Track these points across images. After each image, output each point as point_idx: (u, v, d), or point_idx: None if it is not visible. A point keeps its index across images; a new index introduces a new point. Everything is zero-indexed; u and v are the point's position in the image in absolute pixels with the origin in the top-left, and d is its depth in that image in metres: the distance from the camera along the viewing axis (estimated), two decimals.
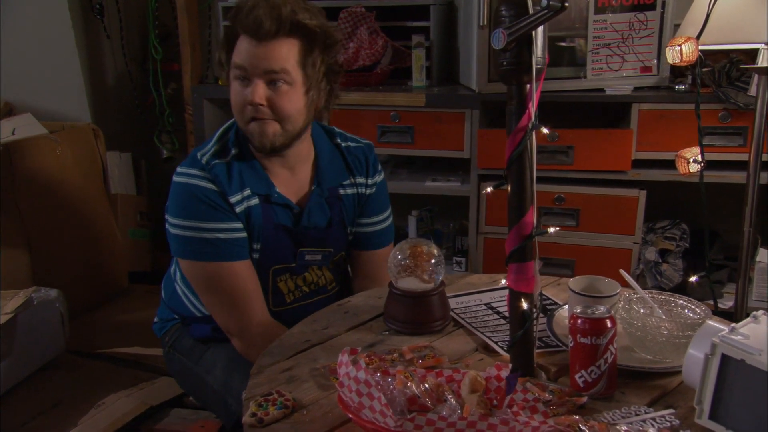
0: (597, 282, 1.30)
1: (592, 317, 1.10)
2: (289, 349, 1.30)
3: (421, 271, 1.37)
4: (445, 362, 1.22)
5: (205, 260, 1.50)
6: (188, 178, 1.51)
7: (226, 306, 1.52)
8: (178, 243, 1.52)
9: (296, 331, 1.37)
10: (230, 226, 1.51)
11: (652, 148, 2.27)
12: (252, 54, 1.46)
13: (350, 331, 1.38)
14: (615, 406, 1.09)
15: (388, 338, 1.34)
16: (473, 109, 2.35)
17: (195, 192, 1.49)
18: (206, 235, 1.49)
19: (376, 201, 1.73)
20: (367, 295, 1.54)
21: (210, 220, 1.49)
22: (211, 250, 1.49)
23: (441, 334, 1.36)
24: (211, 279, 1.51)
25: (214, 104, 2.73)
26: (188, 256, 1.52)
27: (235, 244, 1.51)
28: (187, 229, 1.50)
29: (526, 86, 1.15)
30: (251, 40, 1.46)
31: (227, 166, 1.53)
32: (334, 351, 1.28)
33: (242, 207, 1.53)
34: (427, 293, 1.35)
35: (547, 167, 2.33)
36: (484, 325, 1.38)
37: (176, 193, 1.52)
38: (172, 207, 1.52)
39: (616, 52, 2.33)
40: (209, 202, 1.49)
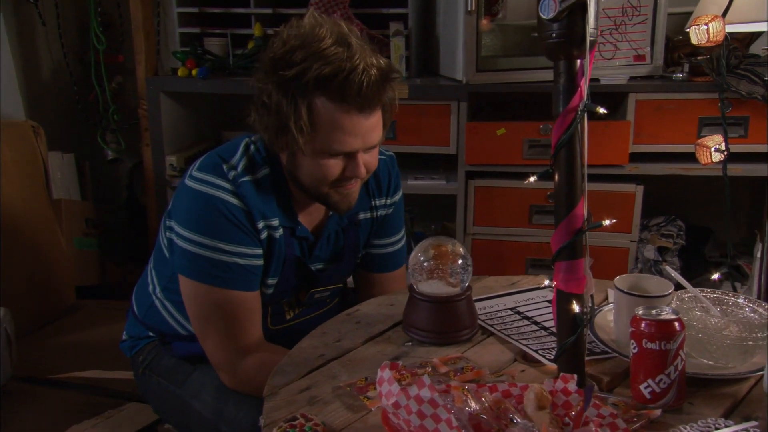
0: (643, 280, 1.22)
1: (659, 320, 1.02)
2: (303, 365, 1.18)
3: (447, 273, 1.26)
4: (485, 375, 1.12)
5: (214, 285, 1.36)
6: (213, 189, 1.36)
7: (220, 337, 1.39)
8: (186, 259, 1.38)
9: (306, 346, 1.25)
10: (252, 251, 1.38)
11: (649, 141, 2.23)
12: (358, 132, 1.31)
13: (367, 343, 1.26)
14: (688, 419, 1.01)
15: (412, 350, 1.23)
16: (460, 101, 2.27)
17: (219, 206, 1.35)
18: (223, 258, 1.35)
19: (394, 221, 1.63)
20: (378, 303, 1.43)
21: (231, 241, 1.35)
22: (224, 275, 1.36)
23: (470, 343, 1.26)
24: (214, 306, 1.38)
25: (172, 98, 2.56)
26: (195, 277, 1.37)
27: (253, 272, 1.39)
28: (202, 246, 1.35)
29: (576, 61, 1.06)
30: (356, 115, 1.30)
31: (255, 185, 1.39)
32: (355, 366, 1.17)
33: (265, 234, 1.41)
34: (454, 298, 1.25)
35: (539, 162, 2.26)
36: (516, 332, 1.28)
37: (194, 203, 1.37)
38: (187, 217, 1.38)
39: (608, 40, 2.28)
40: (234, 221, 1.35)
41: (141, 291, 1.64)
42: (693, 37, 1.52)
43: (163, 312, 1.56)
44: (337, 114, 1.29)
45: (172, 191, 2.59)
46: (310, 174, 1.36)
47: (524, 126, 2.24)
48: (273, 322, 1.51)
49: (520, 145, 2.25)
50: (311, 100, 1.29)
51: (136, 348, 1.64)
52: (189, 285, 1.39)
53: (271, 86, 1.32)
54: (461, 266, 1.26)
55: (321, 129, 1.30)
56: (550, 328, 1.30)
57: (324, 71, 1.26)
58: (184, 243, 1.37)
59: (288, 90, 1.30)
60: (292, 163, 1.37)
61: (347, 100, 1.28)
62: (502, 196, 2.31)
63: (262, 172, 1.41)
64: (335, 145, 1.32)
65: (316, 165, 1.34)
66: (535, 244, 2.32)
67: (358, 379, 1.12)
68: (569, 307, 1.08)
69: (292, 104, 1.30)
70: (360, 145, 1.33)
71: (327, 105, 1.29)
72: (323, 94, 1.29)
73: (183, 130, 2.68)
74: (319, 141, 1.32)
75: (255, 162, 1.41)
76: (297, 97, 1.29)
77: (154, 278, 1.58)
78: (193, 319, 1.42)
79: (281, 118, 1.31)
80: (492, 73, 2.25)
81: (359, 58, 1.28)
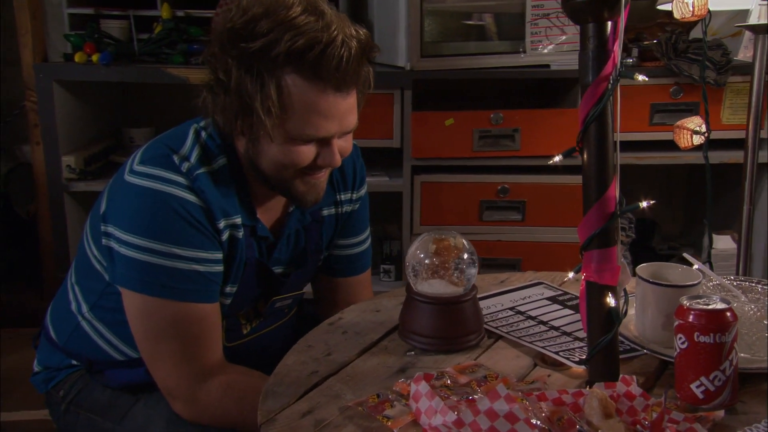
0: (664, 269, 1.18)
1: (712, 310, 0.96)
2: (296, 385, 1.06)
3: (450, 270, 1.17)
4: (513, 383, 1.03)
5: (169, 298, 1.20)
6: (163, 184, 1.20)
7: (176, 360, 1.23)
8: (132, 270, 1.21)
9: (293, 362, 1.12)
10: (212, 256, 1.23)
11: None
12: (335, 115, 1.20)
13: (363, 355, 1.15)
14: (747, 419, 0.96)
15: (417, 359, 1.13)
16: (404, 89, 2.18)
17: (173, 204, 1.19)
18: (179, 265, 1.20)
19: (360, 217, 1.52)
20: (362, 309, 1.32)
21: (188, 245, 1.20)
22: (181, 286, 1.20)
23: (479, 349, 1.17)
24: (169, 323, 1.22)
25: (66, 88, 2.33)
26: (146, 290, 1.21)
27: (213, 280, 1.24)
28: (152, 253, 1.19)
29: (606, 24, 0.99)
30: (333, 95, 1.18)
31: (213, 178, 1.24)
32: (357, 382, 1.06)
33: (227, 235, 1.26)
34: (460, 299, 1.16)
35: (489, 154, 2.21)
36: (526, 334, 1.21)
37: (141, 202, 1.21)
38: (132, 220, 1.21)
39: (555, 23, 2.26)
40: (192, 221, 1.20)
41: (59, 313, 1.45)
42: (676, 11, 1.50)
43: (92, 335, 1.38)
44: (311, 93, 1.18)
45: (70, 197, 2.36)
46: (276, 162, 1.23)
47: (474, 115, 2.18)
48: (228, 338, 1.36)
49: (470, 136, 2.19)
50: (280, 78, 1.17)
51: (55, 381, 1.45)
52: (136, 300, 1.23)
53: (230, 61, 1.18)
54: (467, 262, 1.17)
55: (292, 111, 1.18)
56: (561, 328, 1.23)
57: (297, 44, 1.14)
58: (128, 250, 1.21)
59: (252, 65, 1.17)
60: (254, 150, 1.24)
61: (323, 78, 1.16)
62: (450, 192, 2.25)
63: (218, 162, 1.27)
64: (309, 130, 1.20)
65: (284, 152, 1.22)
66: (485, 243, 2.27)
67: (369, 397, 1.01)
68: (603, 300, 1.01)
69: (257, 82, 1.17)
70: (336, 129, 1.22)
71: (299, 83, 1.17)
72: (295, 71, 1.17)
73: (80, 126, 2.45)
74: (290, 125, 1.19)
75: (209, 151, 1.27)
76: (264, 74, 1.17)
77: (78, 296, 1.40)
78: (141, 340, 1.26)
79: (243, 98, 1.18)
80: (438, 59, 2.19)
81: (337, 28, 1.16)
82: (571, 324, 1.24)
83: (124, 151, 2.56)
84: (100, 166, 2.46)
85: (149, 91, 2.67)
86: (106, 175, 2.40)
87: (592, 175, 1.03)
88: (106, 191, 1.31)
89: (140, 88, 2.67)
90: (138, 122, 2.68)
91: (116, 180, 1.28)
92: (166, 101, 2.68)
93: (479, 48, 2.22)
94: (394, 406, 0.98)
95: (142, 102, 2.74)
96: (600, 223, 1.02)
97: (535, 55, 2.24)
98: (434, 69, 2.18)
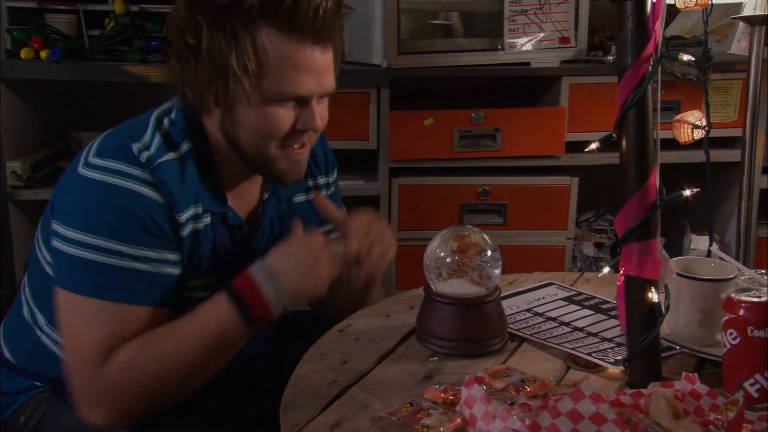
0: (693, 264, 1.16)
1: (765, 302, 0.94)
2: (317, 396, 1.00)
3: (472, 269, 1.12)
4: (552, 386, 0.99)
5: (111, 299, 1.11)
6: (119, 178, 1.12)
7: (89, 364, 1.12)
8: (76, 269, 1.12)
9: (308, 372, 1.06)
10: (162, 255, 1.15)
11: (584, 128, 2.22)
12: (313, 70, 1.14)
13: (383, 362, 1.10)
14: None
15: (442, 365, 1.09)
16: (381, 87, 2.13)
17: (127, 201, 1.12)
18: (129, 264, 1.11)
19: (336, 202, 1.46)
20: (370, 314, 1.26)
21: (133, 242, 1.12)
22: (125, 286, 1.12)
23: (504, 353, 1.13)
24: (93, 318, 1.12)
25: (9, 87, 2.19)
26: (87, 291, 1.11)
27: (158, 282, 1.15)
28: (101, 251, 1.10)
29: (646, 1, 0.97)
30: (310, 48, 1.13)
31: (177, 165, 1.17)
32: (383, 391, 1.02)
33: (189, 228, 1.19)
34: (484, 299, 1.12)
35: (470, 155, 2.18)
36: (550, 336, 1.17)
37: (91, 197, 1.12)
38: (78, 215, 1.13)
39: (533, 20, 2.26)
40: (145, 220, 1.12)
41: (15, 331, 1.35)
42: (678, 1, 1.50)
43: (55, 350, 1.28)
44: (287, 47, 1.12)
45: (15, 206, 2.22)
46: (256, 131, 1.17)
47: (454, 115, 2.15)
48: None
49: (450, 136, 2.16)
50: (254, 33, 1.12)
51: (14, 407, 1.33)
52: (77, 301, 1.13)
53: (199, 20, 1.12)
54: (491, 259, 1.12)
55: (268, 67, 1.13)
56: (585, 328, 1.20)
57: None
58: (67, 246, 1.12)
59: (223, 22, 1.12)
60: (230, 121, 1.17)
61: (299, 29, 1.12)
62: (430, 195, 2.21)
63: (183, 147, 1.20)
64: (287, 87, 1.14)
65: (262, 116, 1.15)
66: None
67: (402, 406, 0.95)
68: (644, 296, 0.99)
69: (231, 39, 1.12)
70: (315, 87, 1.16)
71: (275, 36, 1.12)
72: (269, 24, 1.12)
73: (26, 129, 2.32)
74: (267, 83, 1.13)
75: (172, 137, 1.20)
76: (237, 30, 1.12)
77: (34, 309, 1.30)
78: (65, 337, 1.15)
79: (217, 59, 1.12)
80: (415, 56, 2.15)
81: None
82: (595, 324, 1.21)
83: (72, 156, 2.42)
84: (48, 172, 2.33)
85: (98, 91, 2.56)
86: (54, 182, 2.27)
87: (631, 163, 1.00)
88: (56, 185, 1.23)
89: (89, 88, 2.55)
90: (87, 125, 2.55)
91: (69, 173, 1.20)
92: (116, 102, 2.57)
93: (458, 45, 2.20)
94: (431, 415, 0.93)
95: (91, 103, 2.62)
96: (641, 214, 0.99)
97: (514, 52, 2.23)
98: (412, 66, 2.14)
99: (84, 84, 2.52)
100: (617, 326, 1.20)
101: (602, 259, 2.31)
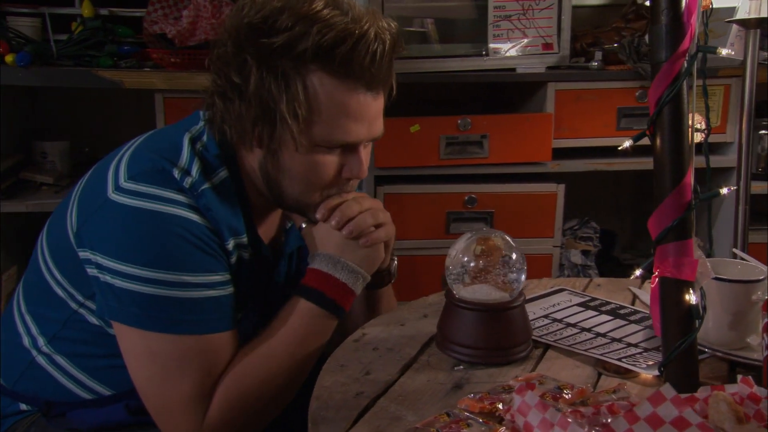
0: (720, 265, 1.15)
1: None
2: (345, 408, 0.96)
3: (497, 274, 1.10)
4: (590, 393, 0.97)
5: (182, 333, 1.08)
6: (162, 204, 1.08)
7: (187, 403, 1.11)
8: (134, 305, 1.08)
9: (331, 383, 1.02)
10: (224, 277, 1.13)
11: (570, 135, 2.23)
12: (365, 117, 1.13)
13: (407, 372, 1.07)
14: None
15: (469, 374, 1.06)
16: None
17: (175, 227, 1.08)
18: (192, 294, 1.08)
19: None
20: (384, 324, 1.23)
21: (198, 269, 1.09)
22: (195, 317, 1.09)
23: (530, 360, 1.10)
24: (182, 363, 1.09)
25: None
26: (153, 326, 1.08)
27: (229, 304, 1.14)
28: (158, 284, 1.07)
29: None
30: (363, 95, 1.11)
31: (217, 194, 1.13)
32: (413, 402, 0.98)
33: (235, 257, 1.17)
34: (509, 305, 1.09)
35: (456, 162, 2.17)
36: (574, 342, 1.15)
37: (137, 227, 1.08)
38: (128, 247, 1.09)
39: (517, 26, 2.26)
40: (197, 243, 1.09)
41: (4, 349, 1.28)
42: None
43: (53, 371, 1.23)
44: (340, 93, 1.10)
45: None
46: (302, 178, 1.15)
47: (441, 121, 2.13)
48: None
49: (437, 143, 2.14)
50: (305, 76, 1.09)
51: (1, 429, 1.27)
52: (139, 338, 1.10)
53: (248, 60, 1.09)
54: (516, 264, 1.10)
55: (319, 114, 1.10)
56: (607, 334, 1.18)
57: (326, 37, 1.06)
58: (127, 282, 1.08)
59: (274, 64, 1.09)
60: (273, 165, 1.15)
61: (354, 75, 1.09)
62: (416, 204, 2.19)
63: (219, 175, 1.16)
64: (337, 134, 1.12)
65: (308, 163, 1.13)
66: None
67: (438, 416, 0.92)
68: (681, 297, 0.98)
69: (282, 82, 1.09)
70: (365, 134, 1.15)
71: (327, 82, 1.09)
72: (322, 68, 1.09)
73: None
74: (317, 130, 1.11)
75: (209, 163, 1.16)
76: (288, 73, 1.09)
77: (32, 328, 1.24)
78: (145, 385, 1.12)
79: (265, 101, 1.10)
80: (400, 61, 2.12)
81: (368, 21, 1.10)
82: (617, 330, 1.20)
83: (36, 167, 2.36)
84: (11, 184, 2.24)
85: (62, 99, 2.48)
86: (17, 195, 2.20)
87: (666, 161, 0.98)
88: (78, 208, 1.17)
89: (52, 95, 2.47)
90: (50, 135, 2.47)
91: (93, 197, 1.14)
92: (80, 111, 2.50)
93: (442, 51, 2.20)
94: (470, 425, 0.90)
95: (54, 112, 2.54)
96: (677, 213, 0.97)
97: (499, 58, 2.23)
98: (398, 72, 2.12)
99: (47, 90, 2.45)
100: (640, 331, 1.19)
101: (590, 267, 2.31)
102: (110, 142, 1.43)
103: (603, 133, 2.24)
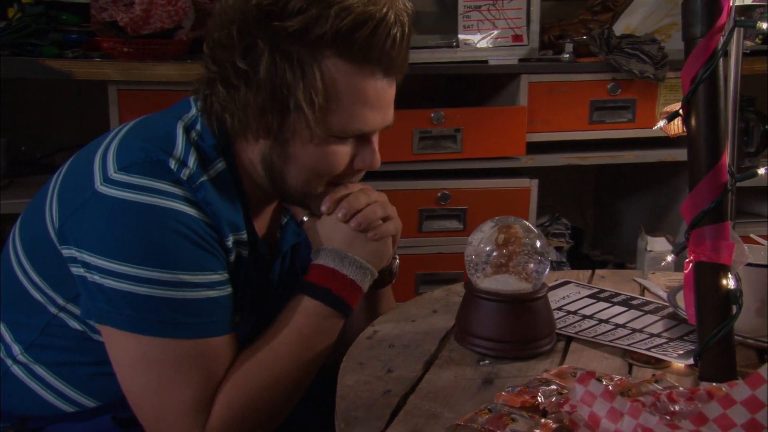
0: None
1: None
2: (376, 407, 0.92)
3: (520, 264, 1.07)
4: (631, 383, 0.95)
5: (179, 337, 1.02)
6: (158, 197, 1.02)
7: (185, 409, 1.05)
8: (126, 306, 1.01)
9: (354, 383, 0.98)
10: (224, 276, 1.08)
11: (543, 128, 2.23)
12: (381, 105, 1.09)
13: (431, 369, 1.03)
14: None
15: (496, 368, 1.03)
16: None
17: (171, 221, 1.02)
18: (190, 294, 1.02)
19: None
20: (395, 320, 1.20)
21: (197, 268, 1.03)
22: (194, 320, 1.03)
23: (556, 353, 1.08)
24: (180, 364, 1.03)
25: None
26: (147, 330, 1.01)
27: (228, 306, 1.08)
28: (154, 284, 1.00)
29: None
30: (380, 81, 1.07)
31: (215, 187, 1.08)
32: (445, 398, 0.95)
33: (234, 255, 1.11)
34: (533, 296, 1.07)
35: (429, 157, 2.14)
36: (596, 333, 1.14)
37: (128, 221, 1.02)
38: (118, 244, 1.02)
39: (487, 17, 2.25)
40: (196, 239, 1.03)
41: None
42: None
43: (30, 382, 1.15)
44: (358, 79, 1.06)
45: None
46: (310, 168, 1.10)
47: (414, 114, 2.10)
48: None
49: (410, 137, 2.11)
50: (321, 63, 1.04)
51: None
52: (132, 342, 1.03)
53: (259, 45, 1.03)
54: (540, 252, 1.07)
55: (337, 103, 1.06)
56: (626, 324, 1.17)
57: (344, 21, 1.02)
58: (119, 282, 1.01)
59: (288, 49, 1.04)
60: (280, 155, 1.10)
61: (372, 61, 1.05)
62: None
63: (216, 167, 1.11)
64: (355, 123, 1.08)
65: (321, 154, 1.09)
66: (426, 257, 2.19)
67: (479, 412, 0.89)
68: (718, 282, 0.97)
69: (297, 68, 1.04)
70: (380, 122, 1.12)
71: (344, 68, 1.05)
72: (338, 54, 1.05)
73: None
74: (334, 119, 1.07)
75: (205, 154, 1.10)
76: (304, 59, 1.04)
77: (5, 335, 1.17)
78: (138, 393, 1.05)
79: (278, 89, 1.04)
80: None
81: (386, 2, 1.05)
82: (635, 320, 1.18)
83: None
84: None
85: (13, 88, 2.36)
86: None
87: (701, 142, 0.98)
88: (60, 202, 1.09)
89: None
90: None
91: (78, 190, 1.07)
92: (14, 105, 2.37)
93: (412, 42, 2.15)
94: (515, 420, 0.87)
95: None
96: (714, 195, 0.97)
97: (470, 50, 2.21)
98: None
99: None
100: (658, 321, 1.18)
101: (564, 264, 2.32)
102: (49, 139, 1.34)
103: (576, 127, 2.25)
